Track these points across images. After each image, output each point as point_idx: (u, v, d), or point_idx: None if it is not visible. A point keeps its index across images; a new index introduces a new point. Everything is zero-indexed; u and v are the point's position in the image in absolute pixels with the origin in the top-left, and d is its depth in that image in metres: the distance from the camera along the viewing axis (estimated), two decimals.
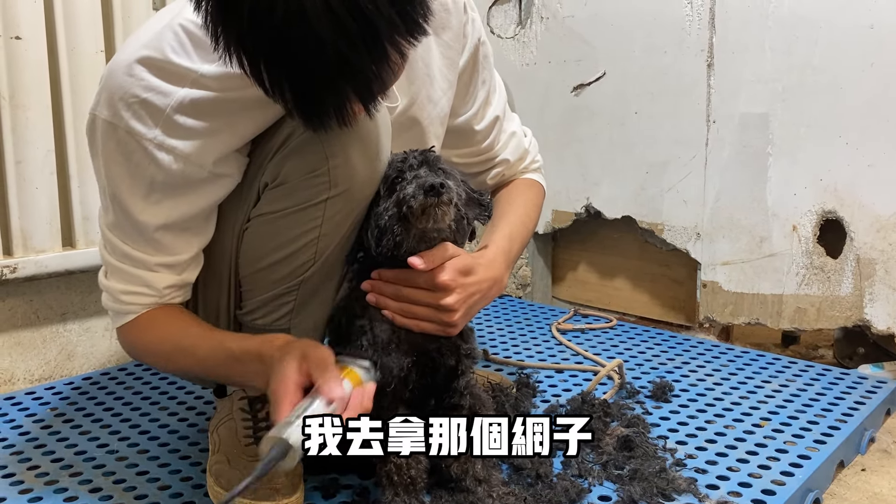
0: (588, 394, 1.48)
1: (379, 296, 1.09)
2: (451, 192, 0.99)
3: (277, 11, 0.77)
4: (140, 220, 1.04)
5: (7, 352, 1.67)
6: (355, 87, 0.85)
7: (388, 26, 0.81)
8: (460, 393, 1.13)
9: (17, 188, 1.58)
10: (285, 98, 0.85)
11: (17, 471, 1.26)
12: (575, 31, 2.18)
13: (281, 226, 1.07)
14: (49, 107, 1.61)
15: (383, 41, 0.82)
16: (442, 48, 1.22)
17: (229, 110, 1.02)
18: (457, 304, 1.07)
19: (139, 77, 0.98)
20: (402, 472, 1.05)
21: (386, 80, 0.87)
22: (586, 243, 2.38)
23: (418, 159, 1.05)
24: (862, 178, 1.78)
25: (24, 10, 1.55)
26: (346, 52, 0.80)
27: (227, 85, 0.99)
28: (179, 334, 1.09)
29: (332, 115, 0.88)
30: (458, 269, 1.08)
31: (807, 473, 1.22)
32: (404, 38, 0.84)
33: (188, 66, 0.99)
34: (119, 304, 1.10)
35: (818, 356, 2.00)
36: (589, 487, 1.16)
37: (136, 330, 1.11)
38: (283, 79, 0.84)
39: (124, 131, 0.99)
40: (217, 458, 1.18)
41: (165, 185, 1.02)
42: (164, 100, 0.98)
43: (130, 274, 1.08)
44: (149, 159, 1.00)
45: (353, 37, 0.79)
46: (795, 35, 1.82)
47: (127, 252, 1.07)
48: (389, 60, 0.85)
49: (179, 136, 1.00)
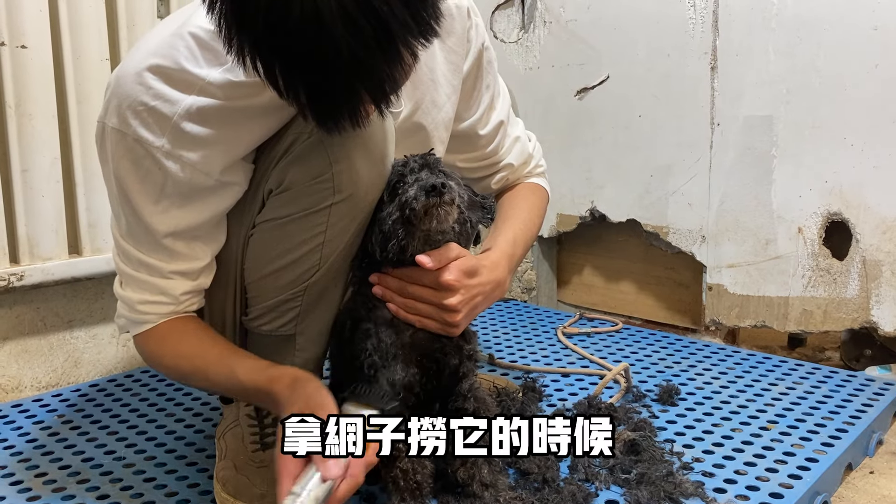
0: (594, 398, 1.48)
1: (385, 289, 1.09)
2: (452, 192, 1.00)
3: (293, 14, 0.78)
4: (152, 226, 1.04)
5: (14, 359, 1.67)
6: (369, 87, 0.86)
7: (401, 28, 0.82)
8: (464, 396, 1.13)
9: (24, 196, 1.59)
10: (300, 100, 0.86)
11: (25, 478, 1.26)
12: (578, 34, 2.18)
13: (286, 232, 1.07)
14: (55, 115, 1.62)
15: (397, 42, 0.83)
16: (446, 53, 1.23)
17: (235, 118, 1.02)
18: (460, 305, 1.08)
19: (147, 85, 0.98)
20: (408, 477, 1.05)
21: (398, 80, 0.88)
22: (591, 247, 2.38)
23: (419, 163, 1.06)
24: (867, 180, 1.77)
25: (29, 19, 1.56)
26: (361, 54, 0.81)
27: (232, 93, 1.00)
28: (194, 354, 1.10)
29: (346, 116, 0.88)
30: (463, 270, 1.08)
31: (815, 476, 1.22)
32: (417, 39, 0.85)
33: (197, 74, 0.99)
34: (136, 313, 1.10)
35: (825, 358, 1.99)
36: (596, 492, 1.16)
37: (154, 340, 1.11)
38: (298, 81, 0.84)
39: (133, 139, 0.99)
40: (224, 464, 1.18)
41: (174, 192, 1.03)
42: (171, 108, 0.99)
43: (146, 282, 1.08)
44: (157, 167, 1.01)
45: (368, 38, 0.80)
46: (799, 37, 1.82)
47: (142, 260, 1.07)
48: (402, 62, 0.85)
49: (186, 145, 1.00)
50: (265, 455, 1.16)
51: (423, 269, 1.05)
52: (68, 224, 1.66)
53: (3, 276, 1.57)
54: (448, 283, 1.06)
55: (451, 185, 1.00)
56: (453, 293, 1.07)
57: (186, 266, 1.08)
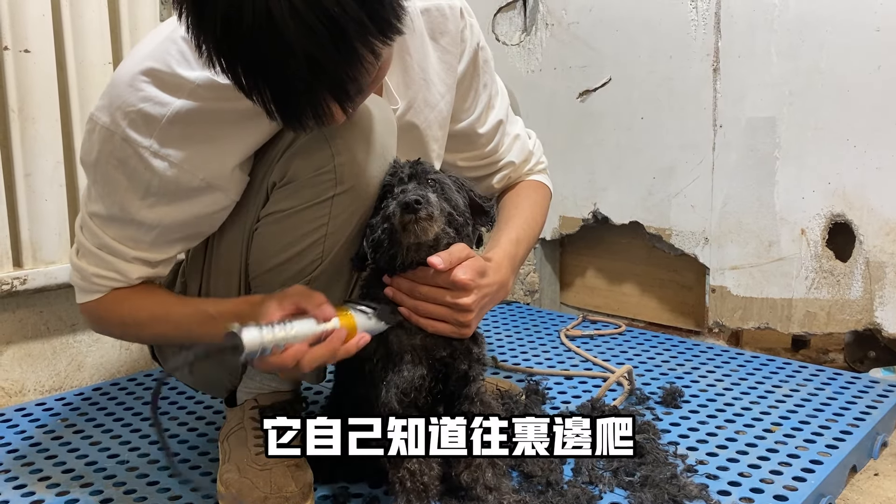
0: (598, 400, 1.48)
1: (396, 291, 1.09)
2: (429, 208, 1.00)
3: (246, 17, 0.79)
4: (135, 217, 1.06)
5: (17, 363, 1.68)
6: (330, 88, 0.87)
7: (356, 27, 0.82)
8: (471, 399, 1.13)
9: (27, 200, 1.59)
10: (265, 100, 0.87)
11: (29, 481, 1.26)
12: (580, 37, 2.18)
13: (289, 224, 1.08)
14: (58, 119, 1.62)
15: (352, 42, 0.83)
16: (439, 53, 1.24)
17: (224, 121, 1.04)
18: (473, 305, 1.08)
19: (139, 88, 1.01)
20: (414, 479, 1.05)
21: (361, 81, 0.88)
22: (594, 249, 2.38)
23: (407, 172, 1.06)
24: (870, 182, 1.77)
25: (32, 23, 1.56)
26: (316, 55, 0.81)
27: (220, 95, 1.01)
28: (153, 303, 1.12)
29: (310, 115, 0.89)
30: (475, 270, 1.08)
31: (819, 478, 1.21)
32: (376, 38, 0.85)
33: (187, 77, 1.01)
34: (88, 283, 1.12)
35: (829, 360, 1.99)
36: (600, 494, 1.15)
37: (106, 304, 1.13)
38: (259, 82, 0.85)
39: (121, 139, 1.01)
40: (227, 467, 1.18)
41: (161, 191, 1.04)
42: (160, 109, 1.01)
43: (105, 260, 1.10)
44: (144, 165, 1.02)
45: (321, 39, 0.80)
46: (801, 39, 1.81)
47: (105, 242, 1.09)
48: (363, 61, 0.85)
49: (174, 145, 1.02)
50: (268, 458, 1.16)
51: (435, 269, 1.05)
52: (71, 228, 1.67)
53: (6, 280, 1.57)
54: (463, 283, 1.06)
55: (429, 199, 1.01)
56: (468, 293, 1.07)
57: (151, 256, 1.11)
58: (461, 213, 1.09)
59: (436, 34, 1.22)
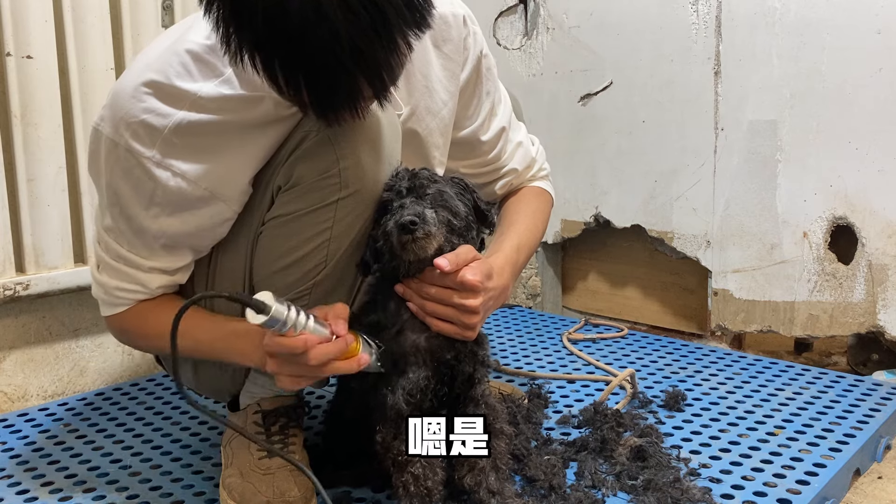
0: (600, 404, 1.47)
1: (406, 289, 1.10)
2: (426, 227, 1.01)
3: (293, 7, 0.81)
4: (141, 226, 1.08)
5: (20, 368, 1.68)
6: (368, 76, 0.89)
7: (397, 16, 0.85)
8: (476, 402, 1.13)
9: (29, 205, 1.59)
10: (300, 93, 0.88)
11: (32, 487, 1.26)
12: (581, 40, 2.19)
13: (293, 228, 1.08)
14: (60, 125, 1.63)
15: (393, 31, 0.86)
16: (442, 60, 1.24)
17: (226, 133, 1.05)
18: (480, 307, 1.08)
19: (141, 100, 1.02)
20: (418, 483, 1.05)
21: (395, 69, 0.91)
22: (596, 252, 2.38)
23: (405, 185, 1.06)
24: (872, 184, 1.77)
25: (35, 29, 1.57)
26: (360, 42, 0.84)
27: (224, 107, 1.03)
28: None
29: (346, 106, 0.91)
30: (483, 272, 1.08)
31: (823, 482, 1.21)
32: (411, 28, 0.88)
33: (188, 89, 1.02)
34: (111, 297, 1.14)
35: (831, 363, 1.99)
36: (603, 498, 1.15)
37: (129, 318, 1.15)
38: (298, 74, 0.87)
39: (124, 149, 1.03)
40: (230, 471, 1.18)
41: (164, 201, 1.06)
42: (162, 121, 1.02)
43: (124, 273, 1.12)
44: (147, 175, 1.03)
45: (366, 27, 0.83)
46: (803, 41, 1.82)
47: (121, 254, 1.11)
48: (398, 50, 0.88)
49: (176, 155, 1.03)
50: (271, 462, 1.16)
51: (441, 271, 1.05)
52: (74, 233, 1.67)
53: (8, 286, 1.57)
54: (472, 284, 1.06)
55: (425, 218, 1.01)
56: (475, 295, 1.07)
57: (165, 264, 1.12)
58: (462, 219, 1.09)
59: (439, 42, 1.22)
